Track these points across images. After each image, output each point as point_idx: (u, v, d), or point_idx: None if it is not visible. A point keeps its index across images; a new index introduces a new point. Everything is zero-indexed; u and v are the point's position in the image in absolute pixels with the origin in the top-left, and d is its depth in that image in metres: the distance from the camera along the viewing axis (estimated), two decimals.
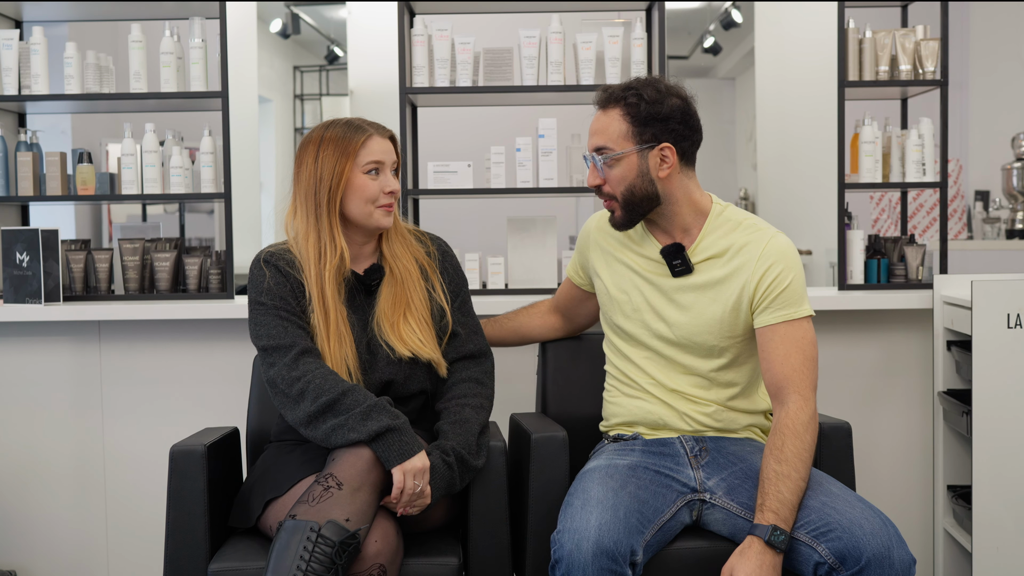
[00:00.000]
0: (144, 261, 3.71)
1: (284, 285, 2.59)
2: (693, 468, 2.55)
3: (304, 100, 9.26)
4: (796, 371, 2.49)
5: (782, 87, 6.46)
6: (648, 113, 2.53)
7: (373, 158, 2.60)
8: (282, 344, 2.51)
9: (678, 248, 2.61)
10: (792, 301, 2.53)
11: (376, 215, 2.62)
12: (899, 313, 3.66)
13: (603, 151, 2.57)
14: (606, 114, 2.59)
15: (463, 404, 2.63)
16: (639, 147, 2.54)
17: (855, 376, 3.68)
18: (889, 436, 3.69)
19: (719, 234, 2.61)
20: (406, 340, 2.62)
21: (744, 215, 2.65)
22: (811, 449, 2.43)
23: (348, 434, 2.40)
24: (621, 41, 3.68)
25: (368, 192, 2.59)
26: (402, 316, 2.64)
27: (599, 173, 2.60)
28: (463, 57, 3.68)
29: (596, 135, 2.59)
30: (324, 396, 2.43)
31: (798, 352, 2.50)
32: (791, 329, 2.52)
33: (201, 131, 3.73)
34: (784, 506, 2.34)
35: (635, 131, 2.54)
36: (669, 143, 2.55)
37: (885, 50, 3.72)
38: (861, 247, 3.76)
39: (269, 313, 2.56)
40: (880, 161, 3.77)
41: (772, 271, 2.54)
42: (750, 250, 2.57)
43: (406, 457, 2.39)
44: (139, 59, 3.70)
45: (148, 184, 3.70)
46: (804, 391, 2.48)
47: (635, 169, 2.55)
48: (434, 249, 2.78)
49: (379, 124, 2.68)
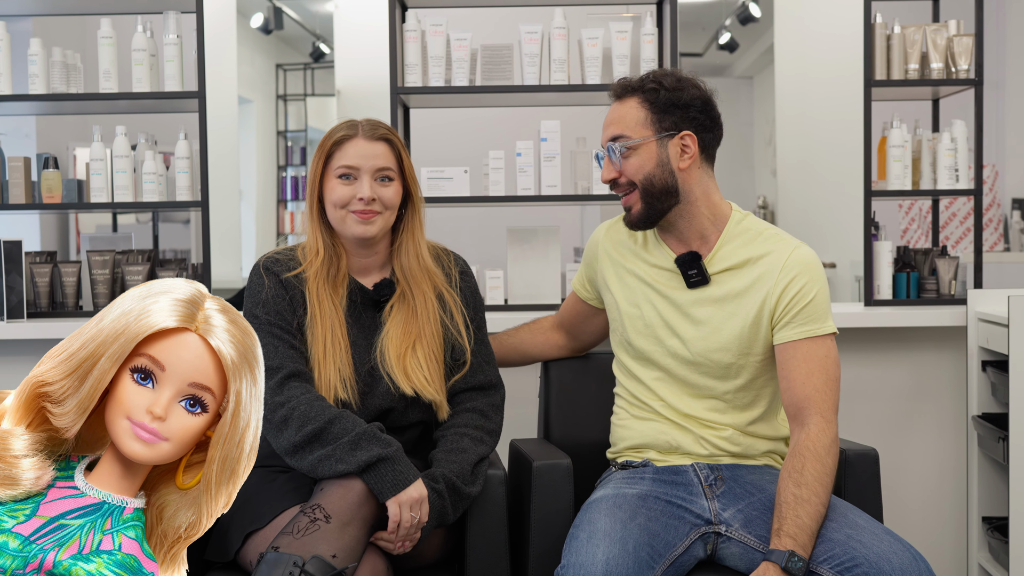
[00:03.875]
0: (115, 275, 3.72)
1: (282, 297, 2.61)
2: (708, 498, 2.55)
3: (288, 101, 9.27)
4: (818, 391, 2.50)
5: (804, 87, 6.47)
6: (668, 100, 2.58)
7: (344, 162, 2.63)
8: (269, 366, 2.52)
9: (694, 257, 2.62)
10: (816, 316, 2.55)
11: (348, 222, 2.63)
12: (930, 331, 3.67)
13: (620, 139, 2.60)
14: (623, 104, 2.63)
15: (461, 434, 2.63)
16: (659, 135, 2.58)
17: (882, 399, 3.68)
18: (919, 463, 3.70)
19: (739, 243, 2.63)
20: (411, 376, 2.62)
21: (765, 225, 2.67)
22: (832, 474, 2.45)
23: (336, 465, 2.41)
24: (630, 37, 3.69)
25: (336, 196, 2.63)
26: (410, 348, 2.65)
27: (614, 165, 2.62)
28: (459, 54, 3.69)
29: (612, 125, 2.63)
30: (310, 424, 2.44)
31: (821, 371, 2.52)
32: (814, 347, 2.53)
33: (176, 134, 3.74)
34: (803, 532, 2.34)
35: (654, 118, 2.58)
36: (690, 131, 2.58)
37: (915, 47, 3.73)
38: (889, 260, 3.76)
39: (262, 329, 2.58)
40: (909, 167, 3.78)
41: (795, 283, 2.55)
42: (772, 261, 2.59)
43: (401, 487, 2.39)
44: (109, 56, 3.71)
45: (119, 192, 3.71)
46: (826, 413, 2.49)
47: (654, 158, 2.58)
48: (455, 271, 2.79)
49: (377, 125, 2.69)
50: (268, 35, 8.90)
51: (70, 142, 5.36)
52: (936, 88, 3.87)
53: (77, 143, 5.17)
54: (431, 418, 2.70)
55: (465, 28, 3.72)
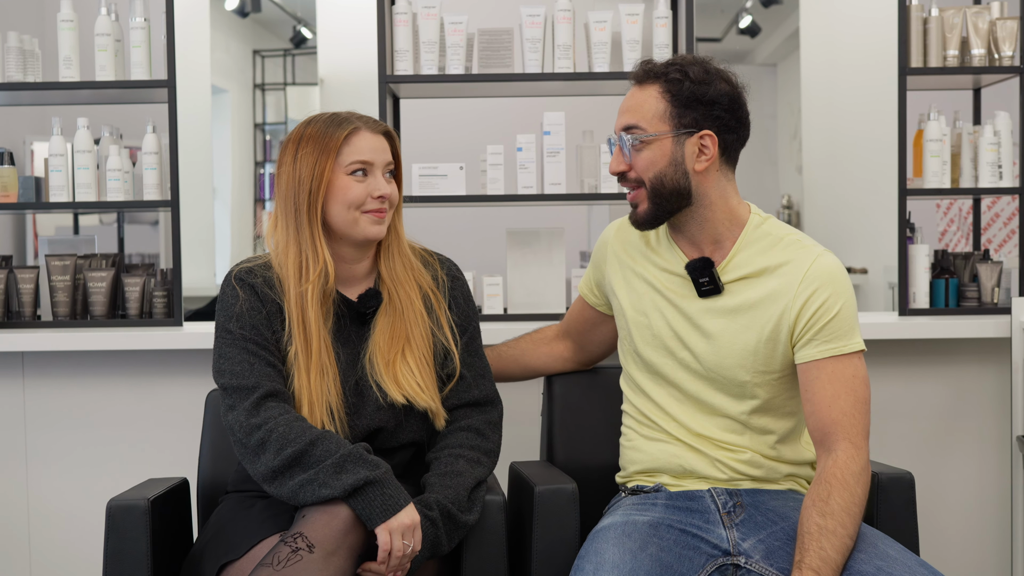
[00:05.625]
0: (76, 282, 3.72)
1: (259, 311, 2.59)
2: (725, 527, 2.55)
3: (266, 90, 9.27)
4: (846, 415, 2.49)
5: (832, 75, 6.49)
6: (691, 93, 2.55)
7: (359, 157, 2.60)
8: (244, 385, 2.52)
9: (706, 263, 2.61)
10: (841, 332, 2.53)
11: (362, 223, 2.61)
12: (971, 343, 3.67)
13: (633, 130, 2.58)
14: (642, 90, 2.60)
15: (456, 455, 2.63)
16: (676, 131, 2.55)
17: (919, 418, 3.69)
18: (959, 489, 3.70)
19: (756, 249, 2.62)
20: (401, 382, 2.62)
21: (787, 230, 2.65)
22: (862, 504, 2.44)
23: (320, 490, 2.40)
24: (641, 20, 3.69)
25: (351, 195, 2.59)
26: (400, 353, 2.64)
27: (625, 157, 2.60)
28: (454, 39, 3.69)
29: (627, 113, 2.60)
30: (289, 447, 2.43)
31: (848, 393, 2.51)
32: (840, 366, 2.52)
33: (144, 127, 3.74)
34: (827, 565, 2.34)
35: (674, 112, 2.56)
36: (711, 131, 2.56)
37: (954, 31, 3.73)
38: (926, 265, 3.77)
39: (236, 345, 2.57)
40: (948, 163, 3.78)
41: (818, 296, 2.54)
42: (792, 270, 2.57)
43: (392, 513, 2.39)
44: (70, 42, 3.72)
45: (81, 190, 3.71)
46: (855, 438, 2.48)
47: (667, 156, 2.56)
48: (443, 274, 2.78)
49: (372, 118, 2.68)
50: (244, 18, 8.91)
51: (27, 136, 5.38)
52: (978, 76, 3.88)
53: (35, 137, 5.19)
54: (424, 438, 2.70)
55: (460, 11, 3.72)
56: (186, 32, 5.23)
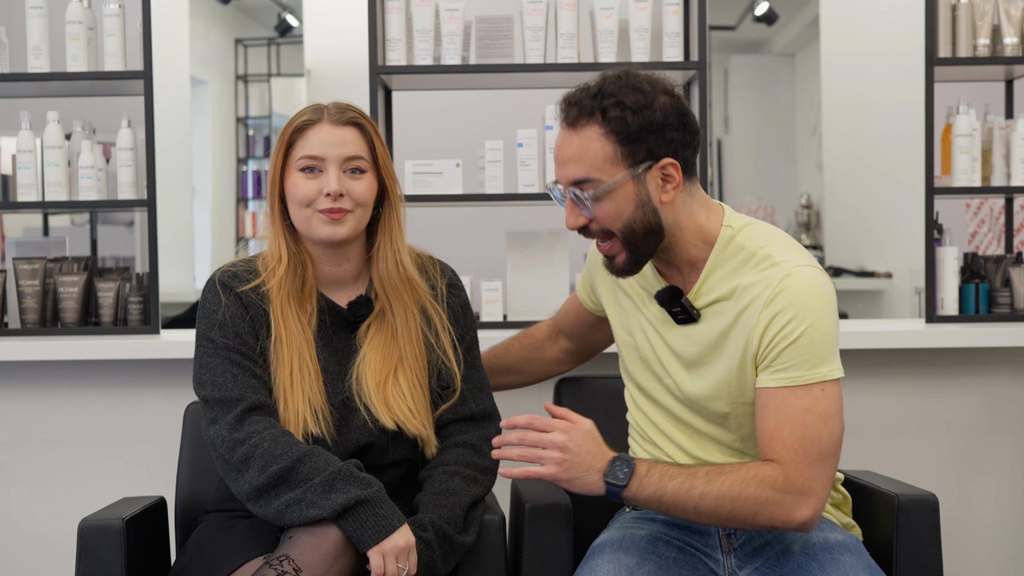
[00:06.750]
0: (46, 287, 3.72)
1: (242, 318, 2.58)
2: (723, 551, 2.54)
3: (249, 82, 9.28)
4: (787, 449, 2.36)
5: (854, 65, 6.49)
6: (637, 125, 2.40)
7: (307, 151, 2.59)
8: (227, 397, 2.52)
9: (674, 294, 2.53)
10: (801, 361, 2.37)
11: (314, 223, 2.59)
12: (1003, 352, 3.67)
13: (585, 185, 2.44)
14: (578, 134, 2.44)
15: (452, 473, 2.63)
16: (633, 171, 2.42)
17: (945, 433, 3.68)
18: (988, 512, 3.70)
19: (728, 269, 2.50)
20: (392, 407, 2.60)
21: (762, 241, 2.50)
22: (737, 512, 2.36)
23: (307, 510, 2.39)
24: (650, 7, 3.68)
25: (299, 193, 2.58)
26: (391, 374, 2.63)
27: (584, 212, 2.46)
28: (450, 28, 3.69)
29: (571, 164, 2.45)
30: (275, 463, 2.42)
31: (795, 428, 2.36)
32: (793, 397, 2.37)
33: (118, 122, 3.74)
34: (660, 491, 2.36)
35: (624, 151, 2.41)
36: (671, 158, 2.43)
37: (985, 19, 3.73)
38: (955, 269, 3.76)
39: (218, 354, 2.56)
40: (979, 160, 3.78)
41: (779, 319, 2.39)
42: (756, 291, 2.44)
43: (385, 534, 2.38)
44: (39, 30, 3.72)
45: (51, 189, 3.71)
46: (792, 475, 2.35)
47: (632, 200, 2.43)
48: (442, 284, 2.77)
49: (345, 108, 2.65)
50: (226, 5, 8.91)
51: None
52: (1010, 67, 3.88)
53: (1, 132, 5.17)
54: (417, 455, 2.70)
55: None
56: (163, 20, 5.23)
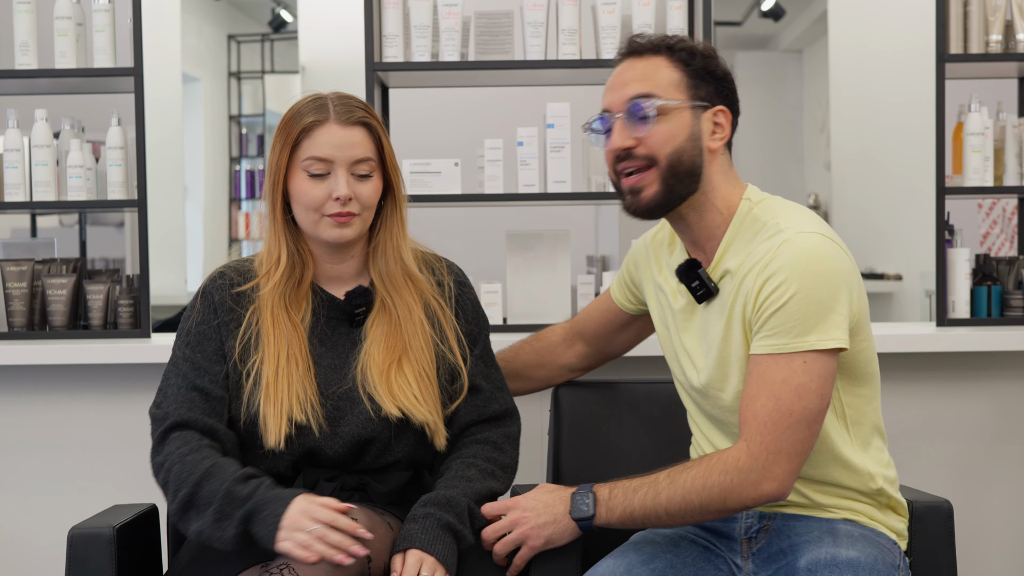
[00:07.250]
0: (34, 289, 3.72)
1: (208, 323, 2.58)
2: (742, 555, 2.53)
3: (242, 79, 9.28)
4: (758, 420, 2.34)
5: (863, 62, 6.49)
6: (703, 66, 2.49)
7: (316, 153, 2.54)
8: (157, 415, 2.54)
9: (691, 265, 2.53)
10: (788, 327, 2.34)
11: (323, 226, 2.57)
12: (1016, 356, 3.67)
13: (648, 98, 2.47)
14: (644, 60, 2.52)
15: (469, 464, 2.61)
16: (693, 103, 2.48)
17: (958, 439, 3.68)
18: (1002, 519, 3.70)
19: (742, 241, 2.49)
20: (397, 394, 2.57)
21: (774, 212, 2.49)
22: (707, 506, 2.36)
23: (216, 544, 2.37)
24: (654, 2, 3.68)
25: (308, 198, 2.54)
26: (395, 363, 2.60)
27: (636, 129, 2.47)
28: (448, 23, 3.69)
29: (634, 82, 2.50)
30: (183, 488, 2.40)
31: (769, 398, 2.34)
32: (773, 366, 2.35)
33: (108, 120, 3.74)
34: (623, 507, 2.39)
35: (690, 83, 2.48)
36: (724, 107, 2.51)
37: (998, 14, 3.74)
38: (966, 271, 3.77)
39: (174, 367, 2.59)
40: (991, 159, 3.78)
41: (771, 282, 2.36)
42: (756, 258, 2.42)
43: (275, 525, 2.31)
44: (26, 26, 3.72)
45: (39, 189, 3.71)
46: (754, 447, 2.34)
47: (687, 129, 2.47)
48: (449, 280, 2.75)
49: (351, 104, 2.60)
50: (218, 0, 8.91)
51: None
52: (1023, 64, 3.88)
53: None
54: (423, 456, 2.67)
55: None
56: (154, 15, 5.23)
